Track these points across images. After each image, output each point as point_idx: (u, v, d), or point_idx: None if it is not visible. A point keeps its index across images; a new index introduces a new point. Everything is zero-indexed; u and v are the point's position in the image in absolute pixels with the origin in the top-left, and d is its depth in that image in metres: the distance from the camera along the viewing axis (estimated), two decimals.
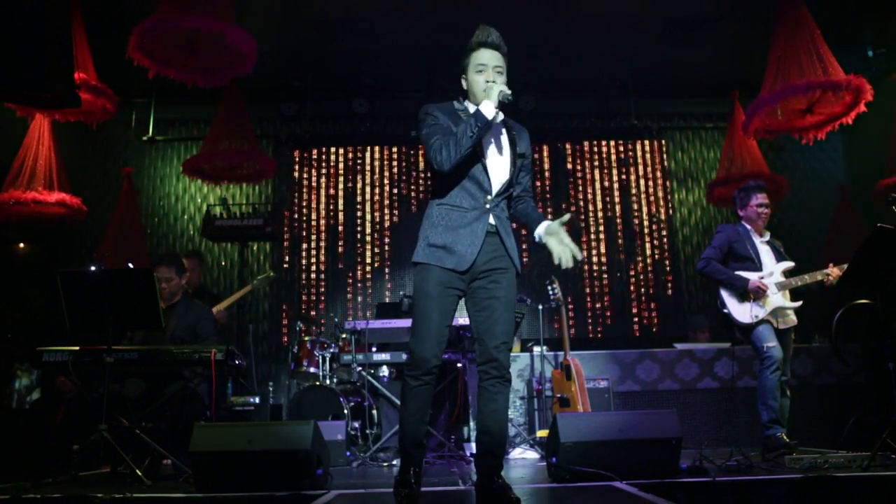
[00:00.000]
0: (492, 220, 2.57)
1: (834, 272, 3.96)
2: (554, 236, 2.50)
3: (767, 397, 3.90)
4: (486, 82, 2.61)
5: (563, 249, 2.46)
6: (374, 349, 5.16)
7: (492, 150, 2.63)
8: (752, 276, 4.03)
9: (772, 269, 4.10)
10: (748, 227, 4.24)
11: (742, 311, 4.05)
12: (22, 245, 6.87)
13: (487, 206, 2.57)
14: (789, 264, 4.12)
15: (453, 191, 2.59)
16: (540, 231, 2.55)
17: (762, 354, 3.96)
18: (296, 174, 7.86)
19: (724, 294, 4.13)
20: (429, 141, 2.59)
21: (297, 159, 7.89)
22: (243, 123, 6.42)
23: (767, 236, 4.26)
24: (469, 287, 2.58)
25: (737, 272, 4.09)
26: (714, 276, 4.16)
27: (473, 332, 2.61)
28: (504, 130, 2.71)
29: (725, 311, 4.11)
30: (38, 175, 5.47)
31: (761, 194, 4.21)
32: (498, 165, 2.62)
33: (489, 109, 2.50)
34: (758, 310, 4.00)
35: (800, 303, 4.06)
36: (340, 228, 7.74)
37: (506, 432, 2.65)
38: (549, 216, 7.75)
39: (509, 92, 2.52)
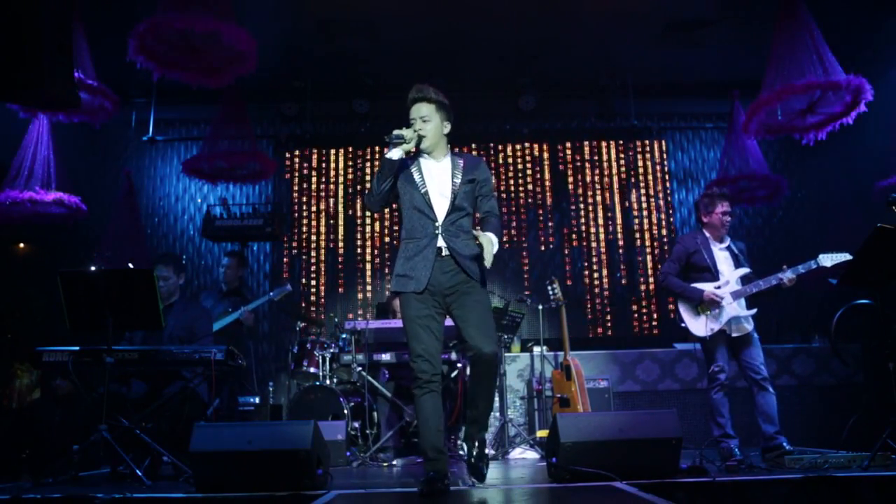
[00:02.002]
0: (441, 242, 2.97)
1: (787, 275, 3.94)
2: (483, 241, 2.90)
3: (715, 414, 4.03)
4: (413, 132, 3.04)
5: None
6: (374, 349, 5.16)
7: (433, 183, 3.03)
8: (707, 287, 4.08)
9: (728, 278, 4.12)
10: (707, 234, 4.26)
11: (698, 325, 4.11)
12: (22, 245, 6.86)
13: (437, 231, 2.98)
14: (745, 270, 4.14)
15: (408, 225, 3.04)
16: (486, 236, 2.91)
17: (709, 374, 4.08)
18: (296, 174, 7.86)
19: (681, 308, 4.19)
20: None
21: (297, 159, 7.90)
22: (243, 123, 6.42)
23: (727, 242, 4.27)
24: (445, 304, 2.99)
25: (693, 284, 4.13)
26: (672, 290, 4.24)
27: (460, 332, 2.98)
28: (447, 163, 3.09)
29: (683, 325, 4.18)
30: (36, 175, 5.47)
31: (726, 202, 4.23)
32: (440, 195, 3.02)
33: (391, 152, 2.97)
34: (713, 322, 4.05)
35: (755, 310, 4.07)
36: (340, 229, 7.74)
37: (491, 405, 3.12)
38: (550, 216, 7.63)
39: (399, 133, 2.98)
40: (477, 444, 3.06)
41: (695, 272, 4.19)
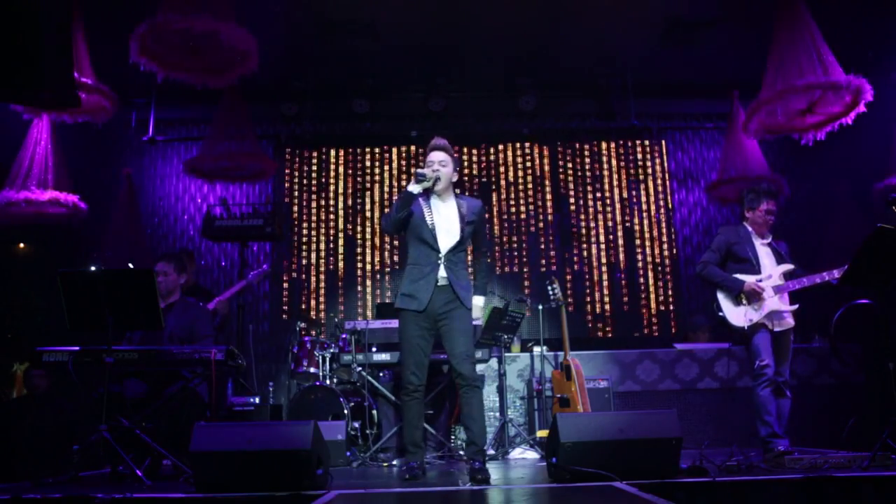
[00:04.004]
0: (442, 272, 3.49)
1: (834, 274, 3.90)
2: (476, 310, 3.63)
3: (762, 412, 3.92)
4: (433, 171, 3.54)
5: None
6: (374, 349, 5.16)
7: (440, 220, 3.55)
8: (748, 279, 4.02)
9: (770, 272, 4.07)
10: (750, 228, 4.21)
11: (737, 315, 4.04)
12: (22, 245, 6.86)
13: (439, 261, 3.50)
14: (789, 267, 4.09)
15: (414, 253, 3.57)
16: (474, 303, 3.61)
17: (755, 370, 3.98)
18: (296, 174, 7.86)
19: (720, 297, 4.11)
20: None
21: (297, 159, 7.90)
22: (243, 123, 6.41)
23: (769, 238, 4.22)
24: (435, 326, 3.52)
25: (734, 275, 4.08)
26: (711, 280, 4.15)
27: (446, 352, 3.53)
28: (453, 205, 3.61)
29: (721, 314, 4.10)
30: (34, 175, 5.46)
31: (771, 200, 4.17)
32: (445, 231, 3.53)
33: (411, 186, 3.48)
34: (752, 313, 3.99)
35: (797, 305, 4.04)
36: (341, 228, 7.75)
37: (483, 425, 3.57)
38: (550, 216, 7.64)
39: (422, 171, 3.50)
40: (477, 465, 3.37)
41: (735, 263, 4.13)
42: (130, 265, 4.52)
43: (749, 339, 4.02)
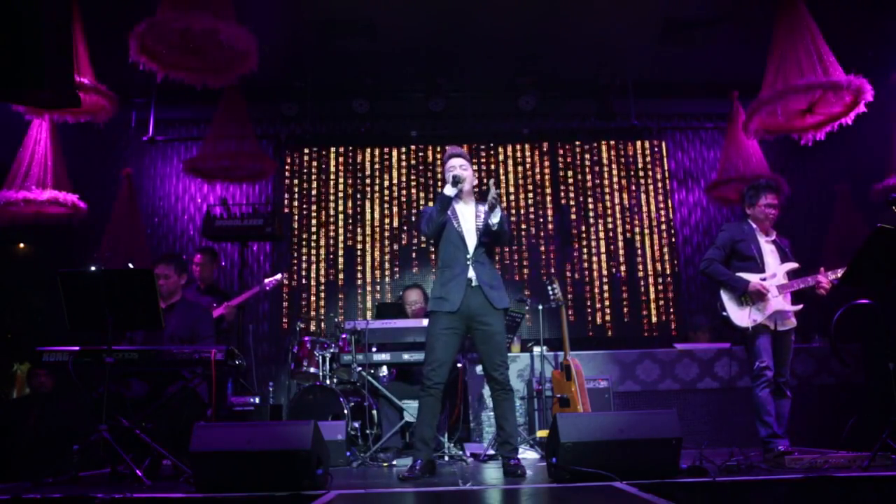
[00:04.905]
0: (471, 273, 3.62)
1: (821, 281, 3.90)
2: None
3: (761, 412, 3.91)
4: (462, 170, 3.76)
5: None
6: (374, 349, 5.16)
7: (465, 222, 3.75)
8: (753, 278, 4.00)
9: (774, 271, 4.04)
10: (754, 225, 4.16)
11: (741, 316, 4.00)
12: (22, 245, 6.86)
13: (468, 262, 3.65)
14: (793, 265, 4.06)
15: (445, 256, 3.73)
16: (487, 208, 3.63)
17: (754, 371, 3.96)
18: (296, 174, 7.86)
19: (724, 297, 4.06)
20: (419, 223, 3.92)
21: (296, 159, 7.90)
22: (243, 123, 6.41)
23: (773, 235, 4.18)
24: (469, 327, 3.62)
25: (738, 273, 4.05)
26: (715, 277, 4.10)
27: (479, 357, 3.72)
28: (473, 207, 3.82)
29: (724, 314, 4.06)
30: (33, 175, 5.45)
31: (771, 194, 4.12)
32: (470, 232, 3.73)
33: (447, 190, 3.69)
34: (756, 314, 3.96)
35: (800, 306, 4.02)
36: (340, 228, 7.75)
37: (515, 425, 3.75)
38: (550, 216, 7.64)
39: (457, 174, 3.70)
40: (513, 462, 3.53)
41: (739, 261, 4.08)
42: (130, 265, 4.52)
43: (750, 341, 3.99)
